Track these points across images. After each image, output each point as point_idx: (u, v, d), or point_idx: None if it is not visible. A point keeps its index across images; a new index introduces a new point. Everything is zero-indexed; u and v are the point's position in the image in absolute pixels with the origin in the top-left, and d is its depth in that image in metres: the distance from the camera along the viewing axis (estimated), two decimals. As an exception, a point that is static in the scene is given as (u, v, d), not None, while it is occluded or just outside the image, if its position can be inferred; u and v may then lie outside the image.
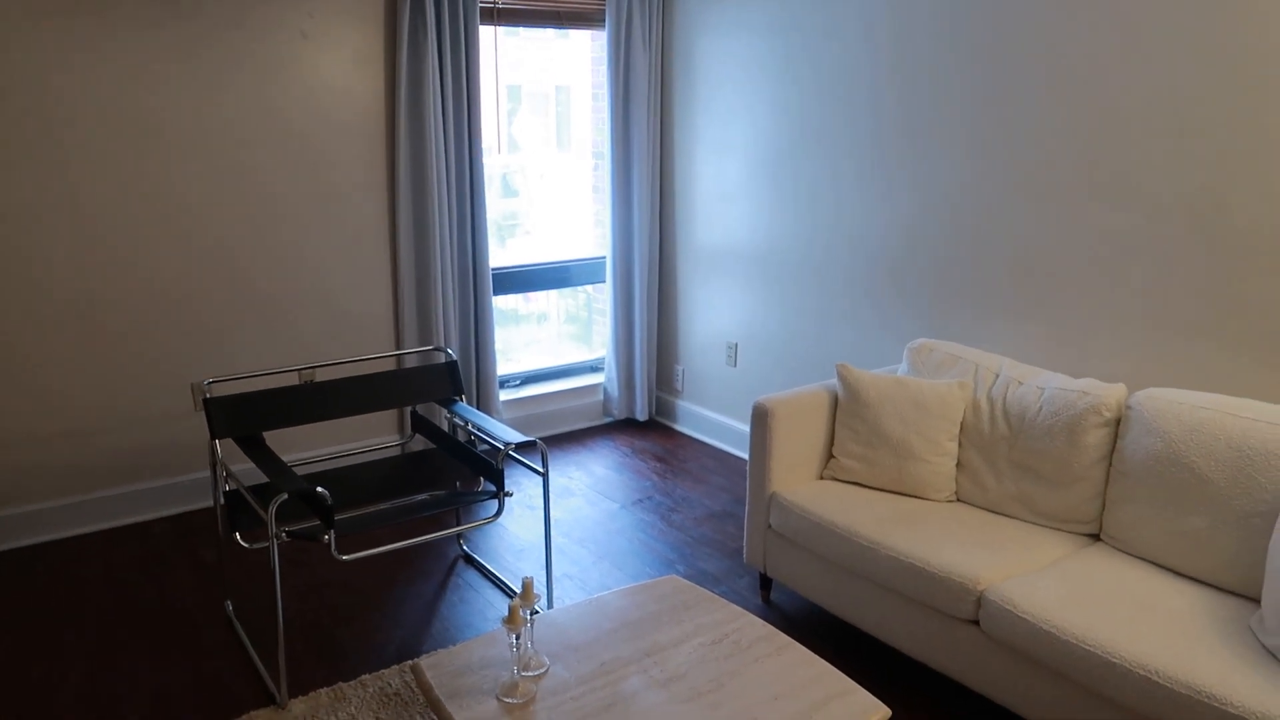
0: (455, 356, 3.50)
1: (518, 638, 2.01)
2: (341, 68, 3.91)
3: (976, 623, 2.48)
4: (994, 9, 3.21)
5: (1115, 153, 2.94)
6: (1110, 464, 2.72)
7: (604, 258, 4.93)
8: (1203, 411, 2.52)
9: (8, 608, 3.16)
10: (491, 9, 4.23)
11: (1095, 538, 2.76)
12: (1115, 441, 2.71)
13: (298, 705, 2.64)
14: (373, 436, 4.32)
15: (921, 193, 3.55)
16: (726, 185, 4.44)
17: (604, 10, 4.52)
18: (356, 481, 3.18)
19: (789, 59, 4.00)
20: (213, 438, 2.86)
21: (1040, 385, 2.88)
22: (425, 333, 4.26)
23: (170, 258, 3.70)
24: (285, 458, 4.08)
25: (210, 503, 3.97)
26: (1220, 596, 2.40)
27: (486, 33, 4.25)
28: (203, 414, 3.89)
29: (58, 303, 3.52)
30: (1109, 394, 2.71)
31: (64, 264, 3.51)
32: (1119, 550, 2.66)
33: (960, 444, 3.02)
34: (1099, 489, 2.73)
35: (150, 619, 3.10)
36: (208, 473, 3.95)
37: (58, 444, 3.62)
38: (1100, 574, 2.50)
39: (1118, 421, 2.71)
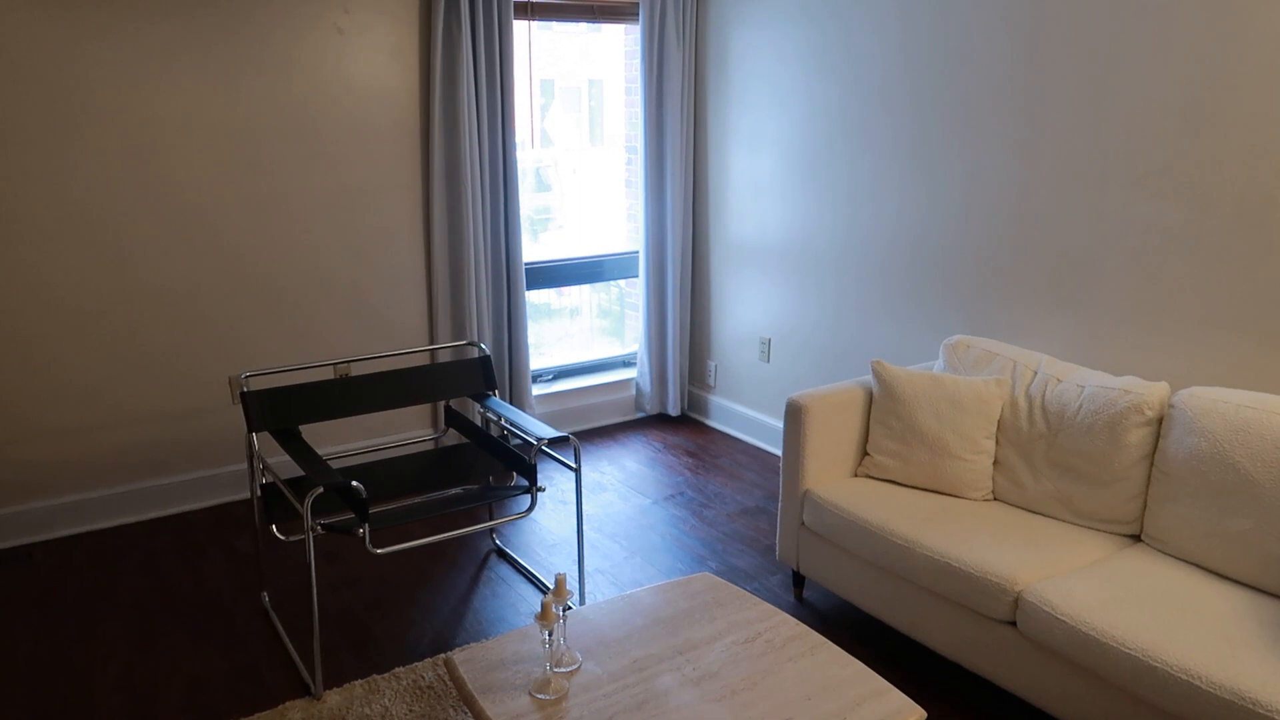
0: (488, 351, 3.51)
1: (550, 634, 2.01)
2: (377, 64, 3.93)
3: (1013, 624, 2.45)
4: (1036, 1, 3.15)
5: (1157, 146, 2.88)
6: (1152, 464, 2.67)
7: (637, 252, 4.92)
8: (1248, 411, 2.46)
9: (49, 596, 3.22)
10: (525, 3, 4.23)
11: (1136, 539, 2.71)
12: (1157, 441, 2.66)
13: (332, 696, 2.67)
14: (406, 431, 4.35)
15: (959, 186, 3.51)
16: (761, 179, 4.41)
17: (637, 4, 4.50)
18: (390, 476, 3.20)
19: (825, 51, 3.96)
20: (250, 431, 2.89)
21: (1080, 383, 2.83)
22: (459, 327, 4.27)
23: (205, 256, 3.74)
24: (320, 451, 4.12)
25: (247, 495, 4.02)
26: (1265, 600, 2.35)
27: (520, 27, 4.26)
28: (240, 408, 3.94)
29: (98, 300, 3.58)
30: (1151, 392, 2.66)
31: (100, 265, 3.56)
32: (1160, 552, 2.61)
33: (997, 442, 2.98)
34: (1140, 489, 2.68)
35: (187, 609, 3.14)
36: (245, 466, 4.00)
37: (97, 436, 3.68)
38: (1141, 576, 2.45)
39: (1160, 420, 2.66)
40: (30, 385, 3.52)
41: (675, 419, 5.03)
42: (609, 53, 4.87)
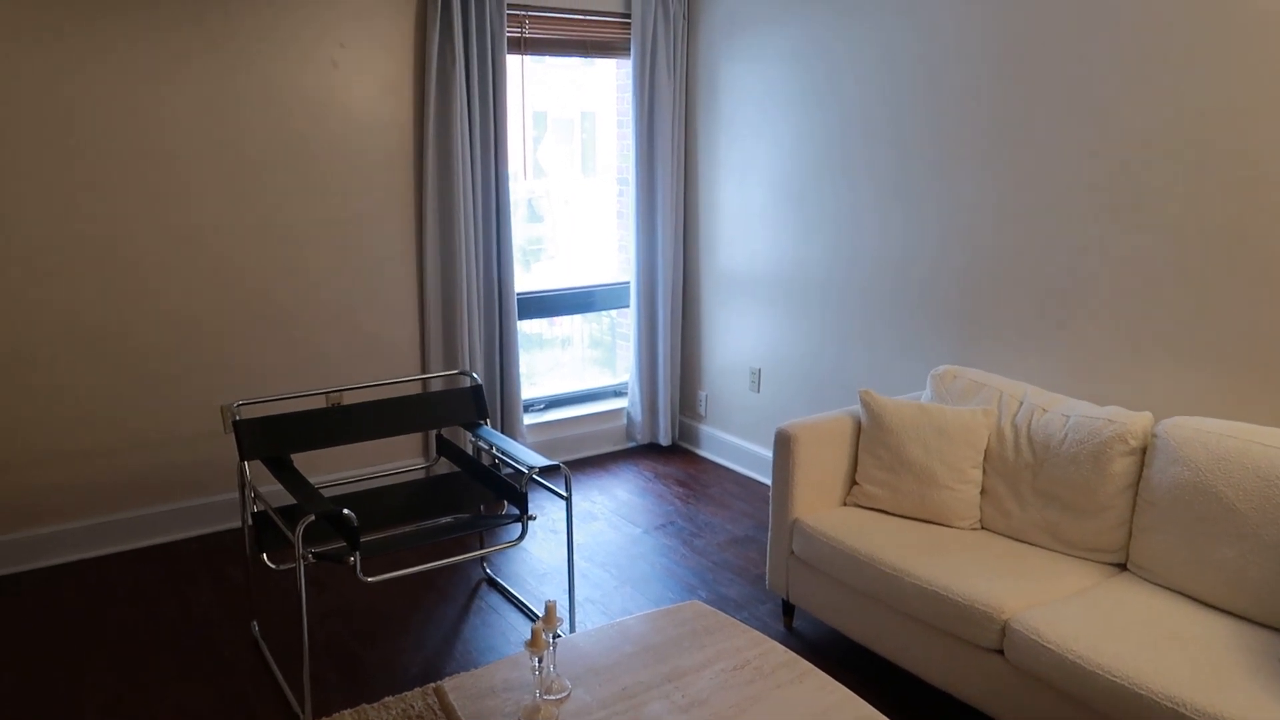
0: (480, 380, 3.53)
1: (540, 661, 2.02)
2: (371, 96, 3.98)
3: (1001, 652, 2.47)
4: (1017, 35, 3.22)
5: (1139, 179, 2.94)
6: (1136, 493, 2.70)
7: (628, 283, 4.96)
8: (1230, 440, 2.50)
9: (37, 625, 3.20)
10: (519, 38, 4.30)
11: (1122, 567, 2.74)
12: (1141, 470, 2.69)
13: (321, 726, 2.66)
14: (398, 459, 4.36)
15: (944, 218, 3.56)
16: (750, 210, 4.47)
17: (629, 39, 4.58)
18: (382, 504, 3.20)
19: (812, 85, 4.03)
20: (241, 459, 2.90)
21: (1065, 413, 2.87)
22: (451, 356, 4.30)
23: (198, 285, 3.77)
24: (312, 479, 4.13)
25: (238, 523, 4.01)
26: (1250, 628, 2.37)
27: (514, 61, 4.32)
28: (232, 436, 3.94)
29: (88, 327, 3.59)
30: (1134, 422, 2.70)
31: (94, 290, 3.58)
32: (1146, 580, 2.63)
33: (984, 471, 3.01)
34: (1125, 518, 2.70)
35: (177, 638, 3.13)
36: (236, 494, 4.00)
37: (88, 464, 3.68)
38: (1127, 604, 2.47)
39: (1144, 450, 2.70)
40: (22, 409, 3.53)
41: (666, 448, 5.05)
42: (601, 85, 4.94)
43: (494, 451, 3.21)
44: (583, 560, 3.75)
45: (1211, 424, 2.57)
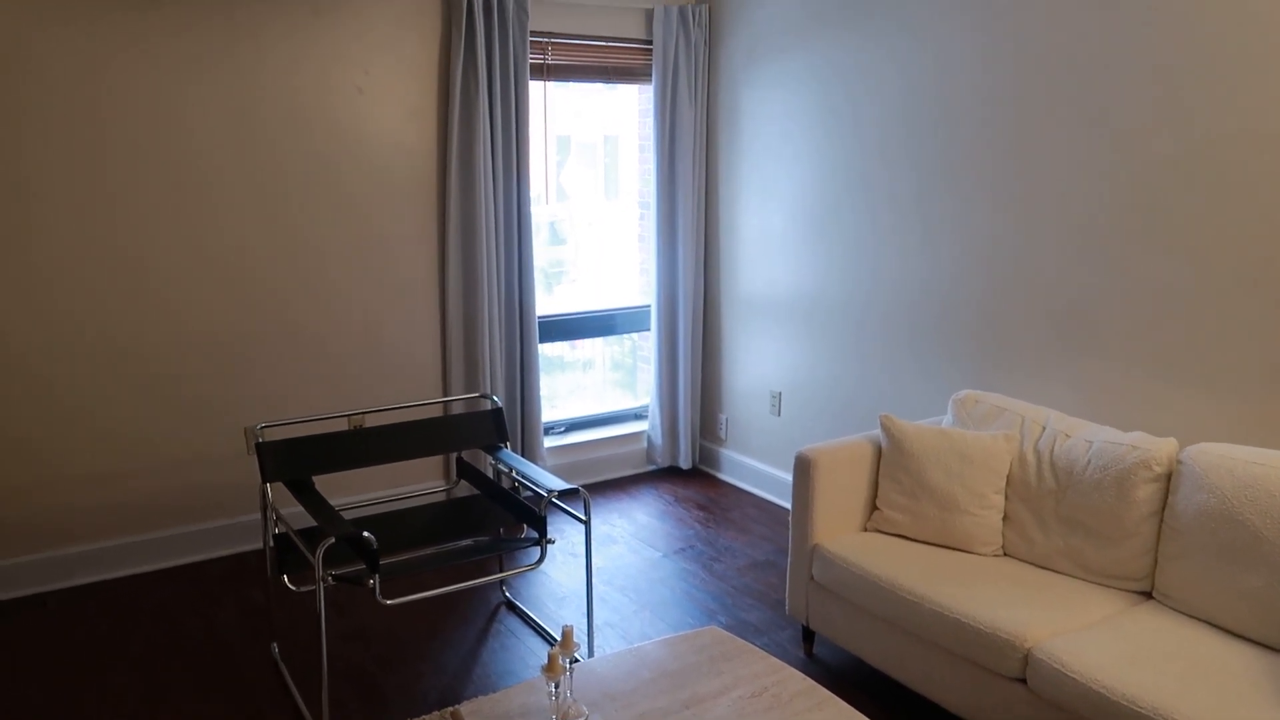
0: (501, 403, 3.55)
1: (557, 686, 2.01)
2: (395, 121, 4.03)
3: (1024, 681, 2.43)
4: (1035, 59, 3.22)
5: (1161, 203, 2.92)
6: (1162, 520, 2.66)
7: (649, 306, 4.97)
8: (1257, 467, 2.46)
9: (61, 644, 3.23)
10: (541, 65, 4.34)
11: (1147, 595, 2.70)
12: (1166, 497, 2.66)
13: (339, 749, 2.66)
14: (419, 482, 4.37)
15: (965, 242, 3.55)
16: (770, 234, 4.47)
17: (650, 66, 4.61)
18: (402, 526, 3.22)
19: (832, 110, 4.04)
20: (264, 481, 2.92)
21: (1088, 438, 2.84)
22: (472, 379, 4.32)
23: (224, 304, 3.81)
24: (333, 502, 4.15)
25: (260, 545, 4.04)
26: (1277, 658, 2.32)
27: (536, 87, 4.36)
28: (254, 458, 3.98)
29: (114, 347, 3.64)
30: (1159, 448, 2.67)
31: (120, 310, 3.63)
32: (1172, 609, 2.59)
33: (1006, 497, 2.98)
34: (1150, 545, 2.67)
35: (198, 658, 3.15)
36: (258, 515, 4.02)
37: (113, 485, 3.72)
38: (1152, 633, 2.44)
39: (1169, 476, 2.66)
40: (49, 430, 3.57)
41: (686, 472, 5.04)
42: (624, 109, 4.98)
43: (514, 474, 3.22)
44: (602, 584, 3.74)
45: (1237, 450, 2.54)
